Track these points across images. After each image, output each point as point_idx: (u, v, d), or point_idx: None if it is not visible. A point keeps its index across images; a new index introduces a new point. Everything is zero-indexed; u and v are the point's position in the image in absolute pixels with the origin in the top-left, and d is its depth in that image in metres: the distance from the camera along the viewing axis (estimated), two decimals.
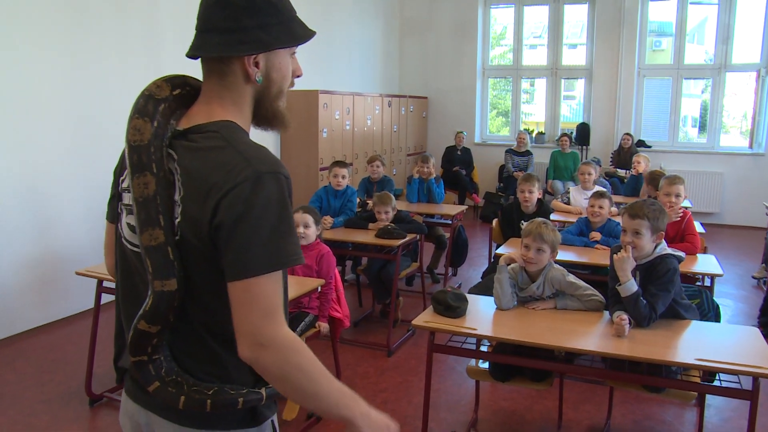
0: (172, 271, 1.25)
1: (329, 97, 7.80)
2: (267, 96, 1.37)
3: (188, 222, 1.24)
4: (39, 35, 4.71)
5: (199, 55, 1.33)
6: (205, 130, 1.29)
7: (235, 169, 1.19)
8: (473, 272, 6.66)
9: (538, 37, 10.84)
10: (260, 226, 1.18)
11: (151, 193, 1.26)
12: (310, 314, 3.62)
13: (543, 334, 2.73)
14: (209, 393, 1.29)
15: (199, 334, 1.31)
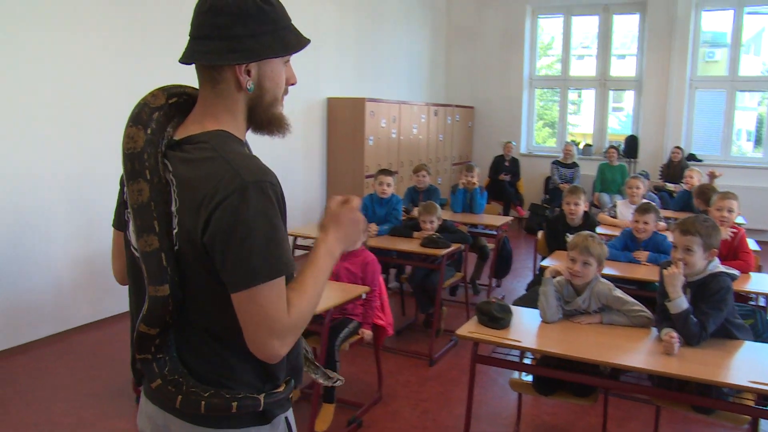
0: (165, 277, 1.28)
1: (376, 105, 7.85)
2: (260, 104, 1.38)
3: (184, 233, 1.26)
4: (94, 44, 4.87)
5: (191, 62, 1.34)
6: (196, 141, 1.30)
7: (223, 180, 1.21)
8: (517, 284, 6.61)
9: (586, 48, 10.72)
10: (252, 237, 1.20)
11: (145, 199, 1.29)
12: (354, 321, 3.64)
13: (588, 349, 2.70)
14: (205, 395, 1.31)
15: (203, 338, 1.34)
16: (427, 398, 3.97)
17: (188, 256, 1.27)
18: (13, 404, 3.75)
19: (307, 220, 7.50)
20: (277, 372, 1.39)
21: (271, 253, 1.22)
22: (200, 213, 1.22)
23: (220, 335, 1.32)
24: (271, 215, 1.23)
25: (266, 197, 1.23)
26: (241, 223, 1.19)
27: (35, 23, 4.47)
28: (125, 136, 1.31)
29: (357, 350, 4.42)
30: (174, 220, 1.28)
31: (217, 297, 1.28)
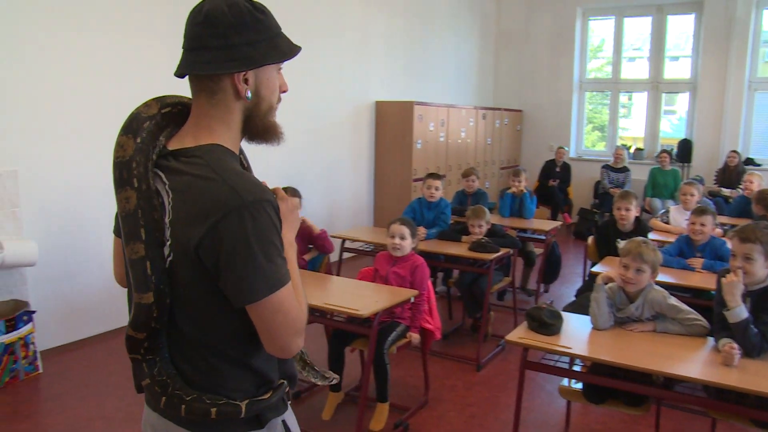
0: (149, 285, 1.31)
1: (424, 108, 7.86)
2: (257, 112, 1.39)
3: (178, 245, 1.28)
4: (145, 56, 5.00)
5: (189, 73, 1.34)
6: (191, 155, 1.31)
7: (221, 199, 1.22)
8: (565, 289, 6.52)
9: (638, 50, 10.51)
10: (253, 255, 1.22)
11: (132, 208, 1.31)
12: (402, 324, 3.65)
13: (641, 357, 2.64)
14: (186, 399, 1.34)
15: (194, 347, 1.36)
16: (474, 403, 3.95)
17: (182, 268, 1.29)
18: (68, 398, 3.87)
19: (353, 224, 7.56)
20: (271, 376, 1.42)
21: (271, 269, 1.25)
22: (196, 229, 1.23)
23: (212, 344, 1.35)
24: (269, 233, 1.25)
25: (265, 215, 1.25)
26: (241, 242, 1.22)
27: (93, 32, 4.62)
28: (115, 144, 1.33)
29: (404, 354, 4.42)
30: (167, 231, 1.30)
31: (209, 308, 1.31)
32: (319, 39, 6.85)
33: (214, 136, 1.35)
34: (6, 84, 4.16)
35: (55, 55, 4.40)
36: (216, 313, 1.32)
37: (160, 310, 1.33)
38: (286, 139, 1.45)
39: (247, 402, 1.36)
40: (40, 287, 4.40)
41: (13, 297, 4.22)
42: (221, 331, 1.33)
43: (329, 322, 3.62)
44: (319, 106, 7.00)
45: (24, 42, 4.23)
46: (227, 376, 1.36)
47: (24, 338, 4.07)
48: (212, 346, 1.35)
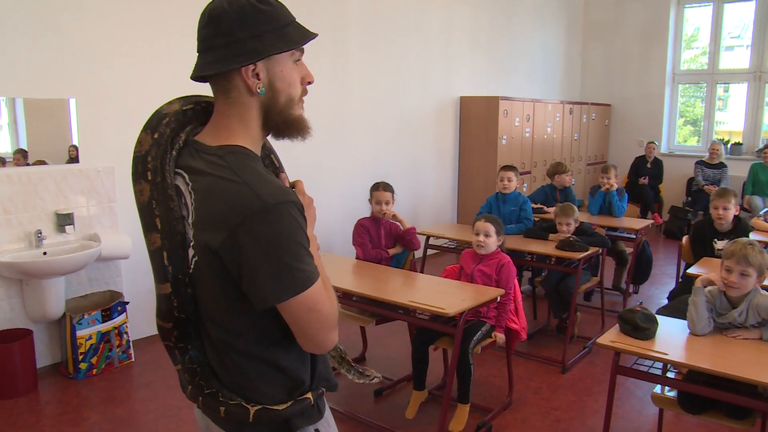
0: (166, 276, 1.33)
1: (509, 103, 7.71)
2: (275, 106, 1.35)
3: (200, 247, 1.28)
4: None
5: (200, 75, 1.33)
6: (212, 153, 1.30)
7: (243, 203, 1.20)
8: (655, 290, 6.26)
9: (736, 38, 9.90)
10: (280, 256, 1.20)
11: (146, 200, 1.32)
12: (487, 324, 3.58)
13: (746, 367, 2.48)
14: (205, 392, 1.38)
15: (221, 347, 1.36)
16: (559, 407, 3.84)
17: (206, 269, 1.29)
18: (159, 386, 4.02)
19: (437, 220, 7.52)
20: (303, 377, 1.40)
21: (299, 268, 1.23)
22: (217, 232, 1.22)
23: (239, 346, 1.34)
24: (295, 234, 1.23)
25: (289, 216, 1.22)
26: (267, 244, 1.19)
27: (185, 31, 4.75)
28: (136, 141, 1.35)
29: (488, 353, 4.36)
30: (190, 232, 1.31)
31: (234, 310, 1.30)
32: (405, 35, 6.83)
33: (234, 137, 1.33)
34: (102, 85, 4.34)
35: (148, 55, 4.56)
36: (242, 314, 1.30)
37: (180, 300, 1.35)
38: (313, 134, 1.40)
39: (259, 408, 1.35)
40: (133, 279, 4.58)
41: (108, 288, 4.42)
42: (248, 332, 1.33)
43: (413, 320, 3.59)
44: (404, 102, 6.99)
45: (118, 42, 4.40)
46: (255, 378, 1.36)
47: (118, 327, 4.25)
48: (239, 347, 1.34)
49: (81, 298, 4.27)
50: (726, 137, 9.87)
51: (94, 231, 4.27)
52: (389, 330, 4.87)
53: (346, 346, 4.58)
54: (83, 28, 4.19)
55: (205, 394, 1.38)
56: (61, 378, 4.11)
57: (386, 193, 4.25)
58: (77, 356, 4.04)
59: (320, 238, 1.46)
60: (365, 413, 3.72)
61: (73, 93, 4.20)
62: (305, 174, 5.72)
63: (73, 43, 4.15)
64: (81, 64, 4.21)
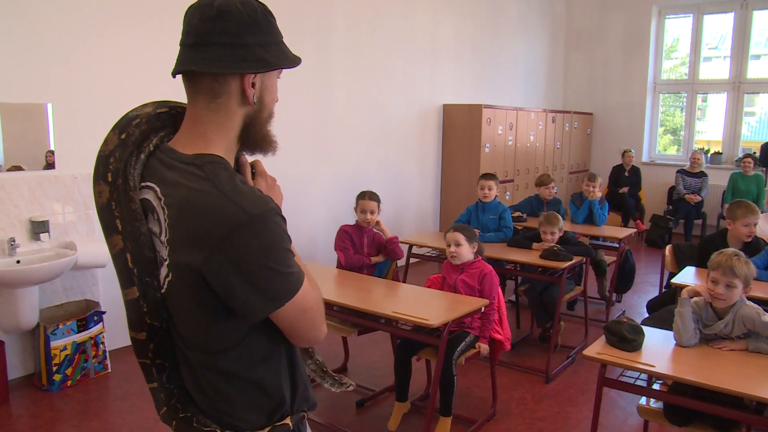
0: (132, 279, 1.25)
1: (492, 111, 7.70)
2: (259, 120, 1.30)
3: (178, 266, 1.21)
4: None
5: (194, 70, 1.23)
6: (189, 163, 1.22)
7: (226, 216, 1.13)
8: (638, 299, 6.27)
9: (714, 49, 10.02)
10: (269, 267, 1.16)
11: (105, 201, 1.25)
12: (471, 334, 3.54)
13: (732, 379, 2.46)
14: (180, 416, 1.33)
15: (200, 371, 1.30)
16: (544, 417, 3.80)
17: (181, 289, 1.22)
18: (136, 399, 3.92)
19: (420, 228, 7.48)
20: (284, 398, 1.35)
21: (289, 273, 1.20)
22: (200, 249, 1.15)
23: (218, 367, 1.28)
24: (281, 242, 1.19)
25: (274, 225, 1.17)
26: (255, 256, 1.15)
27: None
28: (103, 140, 1.29)
29: (470, 364, 4.30)
30: (163, 250, 1.23)
31: (212, 329, 1.24)
32: (389, 42, 6.80)
33: (210, 146, 1.25)
34: (80, 89, 4.25)
35: (127, 60, 4.48)
36: (224, 332, 1.25)
37: (150, 305, 1.28)
38: (279, 149, 1.37)
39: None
40: (110, 289, 4.47)
41: (85, 297, 4.32)
42: (230, 351, 1.26)
43: (396, 330, 3.54)
44: (387, 109, 6.95)
45: (96, 47, 4.32)
46: (234, 401, 1.30)
47: (95, 338, 4.15)
48: (220, 367, 1.28)
49: (56, 307, 4.17)
50: (705, 146, 9.96)
51: (70, 239, 4.17)
52: (371, 340, 4.81)
53: (327, 356, 4.54)
54: (60, 32, 4.10)
55: (179, 417, 1.32)
56: (34, 390, 3.99)
57: (372, 203, 4.21)
58: (51, 367, 3.93)
59: (302, 246, 1.42)
60: (347, 425, 3.66)
61: (50, 98, 4.10)
62: (288, 181, 5.67)
63: (50, 47, 4.06)
64: (58, 69, 4.12)
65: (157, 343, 1.32)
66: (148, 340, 1.31)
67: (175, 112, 1.33)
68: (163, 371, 1.34)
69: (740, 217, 4.05)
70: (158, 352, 1.33)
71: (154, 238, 1.26)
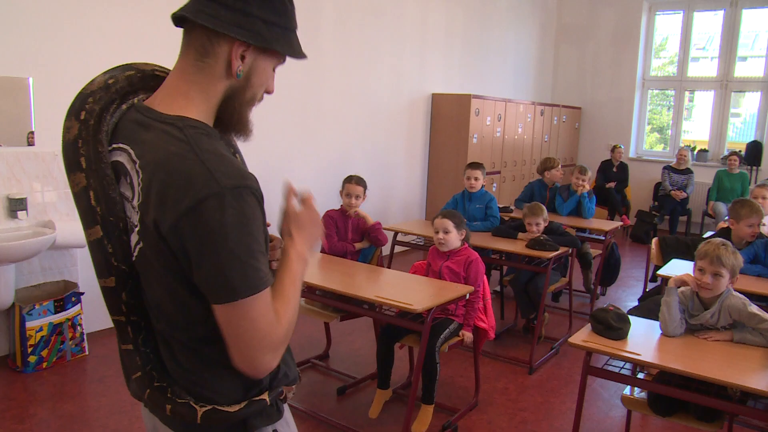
0: (95, 218, 1.20)
1: (481, 102, 7.66)
2: (239, 97, 1.25)
3: (147, 230, 1.15)
4: None
5: (189, 17, 1.19)
6: (169, 123, 1.17)
7: (197, 183, 1.08)
8: (623, 293, 6.27)
9: (702, 50, 10.05)
10: (231, 247, 1.08)
11: (72, 138, 1.21)
12: (455, 322, 3.50)
13: (716, 368, 2.43)
14: (154, 384, 1.27)
15: (171, 345, 1.25)
16: (526, 408, 3.77)
17: (151, 256, 1.17)
18: (112, 381, 3.84)
19: (407, 217, 7.43)
20: (260, 379, 1.28)
21: (251, 265, 1.10)
22: (166, 213, 1.09)
23: (186, 343, 1.23)
24: (250, 225, 1.11)
25: (245, 204, 1.10)
26: (217, 232, 1.07)
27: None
28: (62, 129, 1.24)
29: (454, 353, 4.28)
30: (135, 216, 1.18)
31: (183, 302, 1.18)
32: (378, 30, 6.73)
33: (191, 107, 1.21)
34: (60, 64, 4.15)
35: (109, 35, 4.39)
36: (189, 307, 1.18)
37: (115, 246, 1.22)
38: (253, 137, 1.32)
39: (208, 409, 1.23)
40: (89, 269, 4.35)
41: (63, 277, 4.23)
42: (194, 327, 1.20)
43: (379, 316, 3.49)
44: (375, 97, 6.89)
45: (77, 22, 4.22)
46: (207, 375, 1.24)
47: (72, 319, 4.07)
48: (185, 342, 1.23)
49: (33, 287, 4.08)
50: (691, 145, 9.98)
51: (49, 218, 4.07)
52: (354, 327, 4.77)
53: (309, 343, 4.49)
54: (44, 5, 4.00)
55: (153, 387, 1.26)
56: (8, 372, 3.91)
57: (358, 187, 4.16)
58: (26, 349, 3.85)
59: None
60: (327, 412, 3.61)
61: (30, 72, 4.00)
62: (274, 167, 5.60)
63: (32, 20, 3.96)
64: (39, 43, 4.02)
65: (129, 293, 1.25)
66: (118, 288, 1.24)
67: (134, 78, 1.30)
68: (140, 332, 1.28)
69: (745, 217, 3.97)
70: (132, 305, 1.26)
71: (126, 203, 1.21)
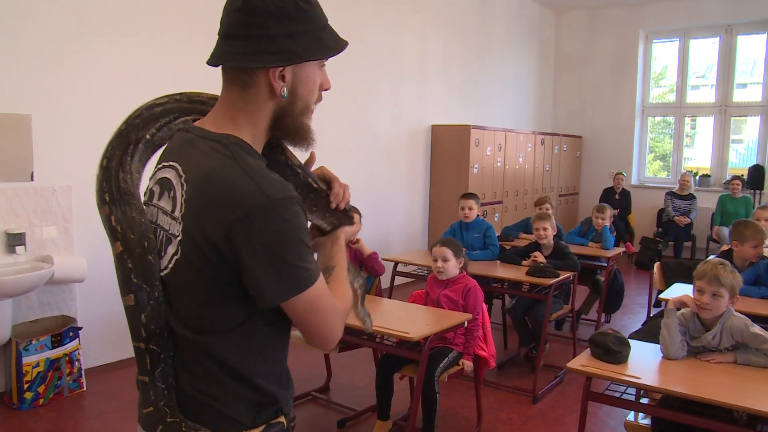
0: (116, 236, 1.23)
1: (481, 132, 7.69)
2: (291, 112, 1.27)
3: (191, 239, 1.18)
4: None
5: (221, 63, 1.23)
6: (216, 140, 1.21)
7: (246, 195, 1.13)
8: (627, 320, 6.20)
9: (701, 78, 10.12)
10: (282, 255, 1.14)
11: (98, 182, 1.28)
12: (454, 350, 3.45)
13: (721, 391, 2.38)
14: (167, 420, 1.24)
15: (194, 354, 1.24)
16: None
17: (189, 265, 1.19)
18: (110, 418, 3.79)
19: (408, 248, 7.40)
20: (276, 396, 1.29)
21: (302, 267, 1.17)
22: (216, 222, 1.14)
23: (218, 352, 1.23)
24: (299, 232, 1.17)
25: (292, 213, 1.16)
26: (270, 241, 1.13)
27: (146, 46, 4.65)
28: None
29: (455, 383, 4.21)
30: (177, 226, 1.21)
31: (218, 308, 1.20)
32: (377, 62, 6.80)
33: (239, 130, 1.24)
34: (61, 101, 4.19)
35: (109, 71, 4.43)
36: (221, 313, 1.21)
37: (135, 261, 1.23)
38: (316, 144, 1.34)
39: None
40: (88, 304, 4.37)
41: (61, 312, 4.21)
42: (224, 333, 1.22)
43: (378, 346, 3.45)
44: (376, 129, 6.92)
45: (77, 58, 4.27)
46: (225, 388, 1.24)
47: (70, 354, 4.03)
48: (217, 351, 1.23)
49: (31, 323, 4.05)
50: (694, 170, 9.98)
51: (47, 252, 4.07)
52: (354, 358, 4.71)
53: (310, 376, 4.43)
54: (44, 43, 4.05)
55: (166, 422, 1.24)
56: (4, 409, 3.85)
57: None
58: (22, 385, 3.80)
59: None
60: None
61: (29, 109, 4.03)
62: None
63: (32, 58, 4.01)
64: (39, 80, 4.06)
65: (149, 316, 1.23)
66: (137, 308, 1.23)
67: (174, 100, 1.37)
68: (157, 364, 1.25)
69: (749, 239, 3.95)
70: (153, 332, 1.24)
71: (164, 215, 1.25)
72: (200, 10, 4.93)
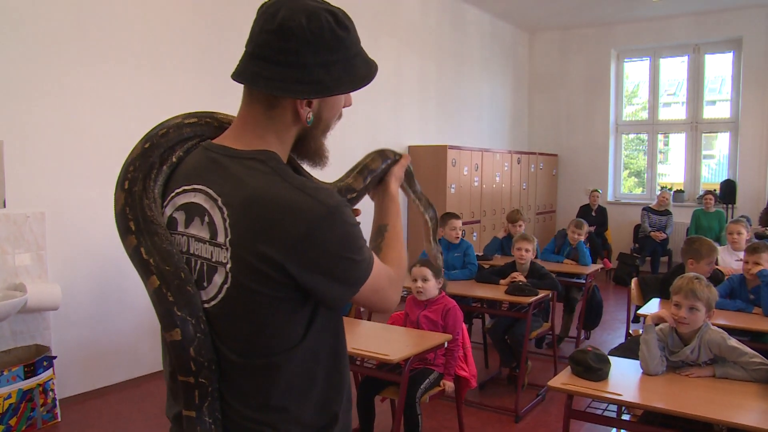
0: (149, 269, 1.18)
1: (458, 152, 7.73)
2: (313, 135, 1.26)
3: (244, 266, 1.12)
4: None
5: (250, 85, 1.20)
6: (251, 158, 1.17)
7: (304, 209, 1.11)
8: (607, 336, 6.22)
9: (672, 95, 10.33)
10: (349, 257, 1.16)
11: (120, 208, 1.24)
12: (435, 371, 3.43)
13: (700, 405, 2.39)
14: None
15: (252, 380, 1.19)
16: None
17: (243, 289, 1.13)
18: None
19: None
20: (335, 410, 1.27)
21: (364, 260, 1.20)
22: (276, 241, 1.10)
23: (284, 369, 1.19)
24: (357, 230, 1.19)
25: (348, 215, 1.17)
26: (340, 246, 1.14)
27: (122, 74, 4.63)
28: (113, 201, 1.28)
29: (437, 404, 4.18)
30: (223, 253, 1.14)
31: (281, 328, 1.16)
32: None
33: (267, 144, 1.21)
34: (33, 126, 4.14)
35: (82, 97, 4.40)
36: (292, 330, 1.18)
37: (174, 293, 1.16)
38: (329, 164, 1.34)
39: None
40: (63, 332, 4.29)
41: (35, 342, 4.12)
42: (295, 348, 1.19)
43: (358, 369, 3.42)
44: (351, 151, 6.87)
45: (50, 83, 4.23)
46: (285, 416, 1.20)
47: (43, 385, 3.94)
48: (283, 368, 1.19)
49: (3, 353, 3.96)
50: (668, 186, 10.13)
51: (20, 280, 3.99)
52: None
53: None
54: (15, 69, 4.01)
55: None
56: None
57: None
58: None
59: None
60: None
61: (1, 135, 3.97)
62: None
63: (2, 82, 3.96)
64: (10, 105, 4.01)
65: (197, 349, 1.16)
66: (184, 342, 1.15)
67: (204, 122, 1.31)
68: (205, 398, 1.18)
69: (706, 256, 4.06)
70: (201, 365, 1.17)
71: (199, 243, 1.19)
72: (175, 41, 4.93)
